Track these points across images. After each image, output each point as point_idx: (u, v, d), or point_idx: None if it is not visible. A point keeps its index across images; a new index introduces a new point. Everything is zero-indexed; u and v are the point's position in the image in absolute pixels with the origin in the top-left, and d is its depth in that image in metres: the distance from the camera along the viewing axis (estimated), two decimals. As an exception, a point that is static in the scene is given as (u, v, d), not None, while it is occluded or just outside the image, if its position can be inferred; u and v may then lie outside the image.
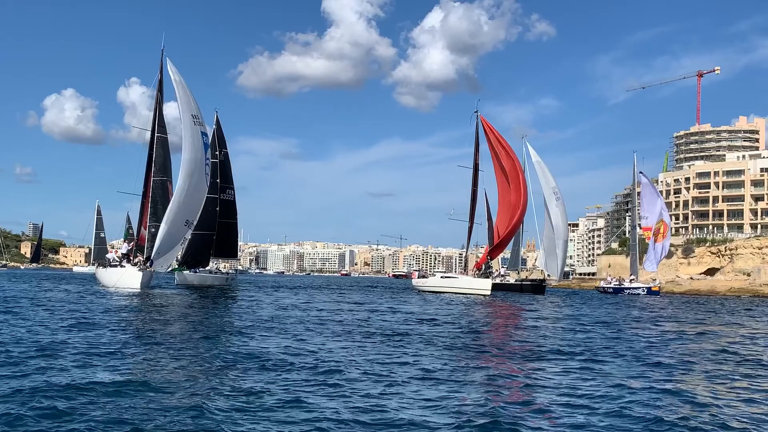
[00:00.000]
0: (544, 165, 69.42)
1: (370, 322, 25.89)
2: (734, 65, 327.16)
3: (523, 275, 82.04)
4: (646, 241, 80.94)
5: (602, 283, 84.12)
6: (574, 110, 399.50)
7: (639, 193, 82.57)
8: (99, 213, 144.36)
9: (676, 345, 20.90)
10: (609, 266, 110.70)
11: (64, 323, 21.43)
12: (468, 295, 53.56)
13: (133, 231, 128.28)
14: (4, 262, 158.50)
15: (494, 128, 60.15)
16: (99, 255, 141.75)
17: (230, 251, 66.59)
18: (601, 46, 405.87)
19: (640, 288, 76.35)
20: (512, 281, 70.13)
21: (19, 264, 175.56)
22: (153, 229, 48.16)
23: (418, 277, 68.09)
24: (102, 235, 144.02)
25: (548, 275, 72.22)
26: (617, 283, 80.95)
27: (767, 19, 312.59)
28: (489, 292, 55.45)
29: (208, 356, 15.26)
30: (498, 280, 66.30)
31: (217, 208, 54.66)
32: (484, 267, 60.53)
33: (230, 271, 69.31)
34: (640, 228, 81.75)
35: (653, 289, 75.52)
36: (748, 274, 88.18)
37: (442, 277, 62.65)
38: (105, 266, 52.21)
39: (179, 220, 46.86)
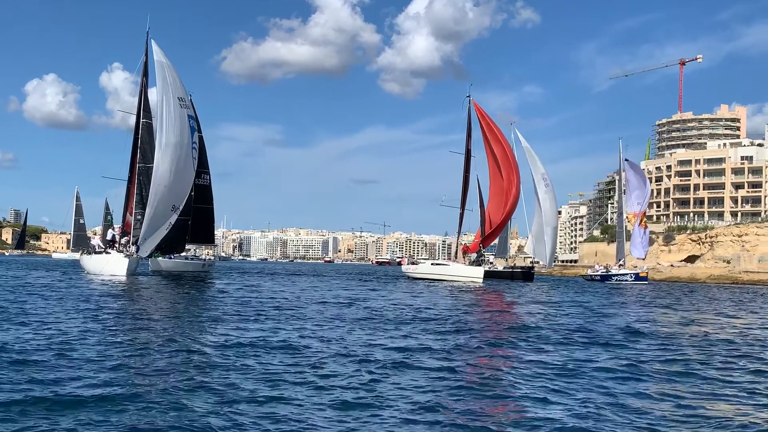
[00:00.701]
0: (532, 151, 69.16)
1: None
2: (717, 53, 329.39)
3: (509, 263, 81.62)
4: (629, 227, 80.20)
5: (589, 271, 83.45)
6: (558, 98, 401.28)
7: (626, 180, 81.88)
8: (78, 199, 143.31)
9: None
10: (596, 254, 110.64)
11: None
12: (459, 283, 52.79)
13: (112, 217, 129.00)
14: None
15: (486, 114, 59.48)
16: (78, 241, 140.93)
17: (206, 237, 65.73)
18: (586, 33, 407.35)
19: (627, 275, 76.03)
20: (500, 269, 69.84)
21: (3, 251, 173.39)
22: (139, 216, 47.29)
23: (408, 264, 67.20)
24: (81, 221, 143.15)
25: (537, 262, 72.05)
26: (604, 270, 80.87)
27: (749, 7, 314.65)
28: (481, 280, 54.71)
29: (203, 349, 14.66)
30: (486, 268, 65.76)
31: (192, 193, 53.49)
32: (476, 255, 59.85)
33: (208, 257, 67.40)
34: (626, 214, 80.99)
35: (641, 275, 75.23)
36: (728, 262, 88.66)
37: (432, 264, 61.98)
38: (90, 253, 51.20)
39: (164, 205, 45.92)
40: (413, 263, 68.30)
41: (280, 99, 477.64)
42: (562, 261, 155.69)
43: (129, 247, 47.32)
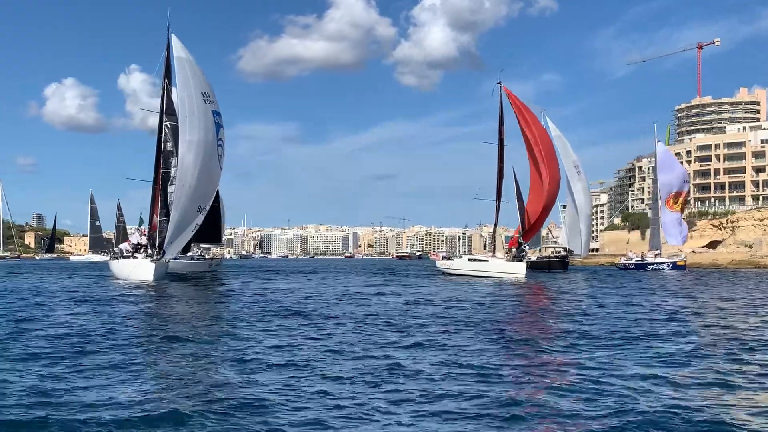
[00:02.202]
0: (564, 138, 66.73)
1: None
2: (736, 35, 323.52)
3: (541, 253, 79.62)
4: (669, 211, 77.24)
5: (622, 259, 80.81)
6: (577, 85, 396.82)
7: (659, 164, 79.16)
8: (93, 202, 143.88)
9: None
10: (627, 242, 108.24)
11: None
12: (500, 279, 50.16)
13: (124, 219, 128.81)
14: (17, 253, 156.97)
15: (520, 100, 56.60)
16: (95, 243, 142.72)
17: (214, 236, 63.84)
18: (603, 19, 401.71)
19: (664, 263, 73.33)
20: (534, 259, 67.85)
21: (33, 254, 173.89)
22: (164, 218, 45.59)
23: (443, 259, 64.45)
24: (97, 223, 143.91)
25: (569, 251, 69.70)
26: (639, 258, 78.19)
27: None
28: (524, 276, 52.06)
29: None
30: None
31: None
32: (516, 249, 57.14)
33: (215, 256, 64.37)
34: (661, 200, 78.21)
35: (679, 263, 72.45)
36: (750, 246, 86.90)
37: (470, 259, 59.28)
38: (117, 257, 49.63)
39: (191, 205, 44.14)
40: (448, 258, 65.10)
41: (297, 96, 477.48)
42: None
43: (154, 250, 45.58)
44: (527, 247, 59.91)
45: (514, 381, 11.37)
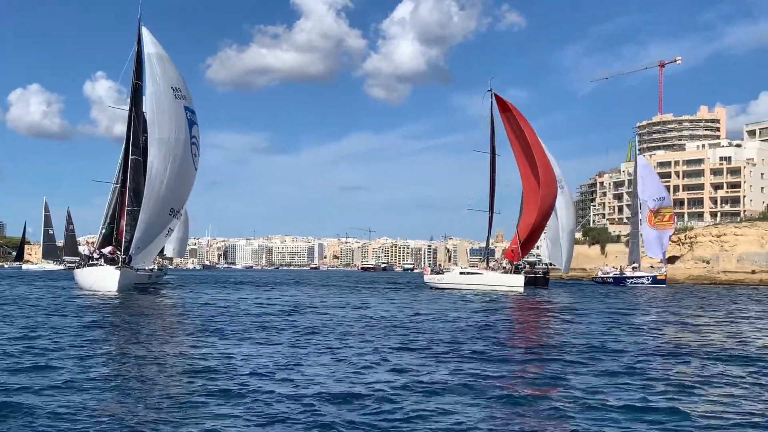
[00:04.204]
0: (548, 151, 65.52)
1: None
2: (700, 54, 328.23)
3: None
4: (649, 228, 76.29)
5: (600, 273, 79.67)
6: (544, 101, 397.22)
7: (641, 176, 77.97)
8: (47, 210, 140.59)
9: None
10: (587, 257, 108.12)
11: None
12: (496, 293, 47.57)
13: (74, 228, 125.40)
14: None
15: (513, 106, 54.23)
16: (48, 252, 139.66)
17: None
18: (571, 36, 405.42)
19: (644, 277, 72.21)
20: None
21: (2, 263, 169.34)
22: (131, 222, 42.03)
23: (432, 273, 61.30)
24: (51, 231, 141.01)
25: (552, 266, 68.32)
26: (617, 272, 76.95)
27: (733, 7, 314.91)
28: (522, 289, 49.73)
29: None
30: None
31: (114, 199, 47.74)
32: (507, 261, 54.82)
33: (155, 267, 57.97)
34: (641, 213, 76.59)
35: (659, 277, 71.18)
36: (707, 262, 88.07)
37: (461, 272, 56.75)
38: (81, 265, 45.52)
39: (161, 208, 41.13)
40: (437, 272, 61.83)
41: (266, 106, 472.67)
42: (547, 263, 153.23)
43: (120, 256, 41.88)
44: (522, 262, 57.90)
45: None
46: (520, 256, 54.07)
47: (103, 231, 49.75)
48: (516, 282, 50.66)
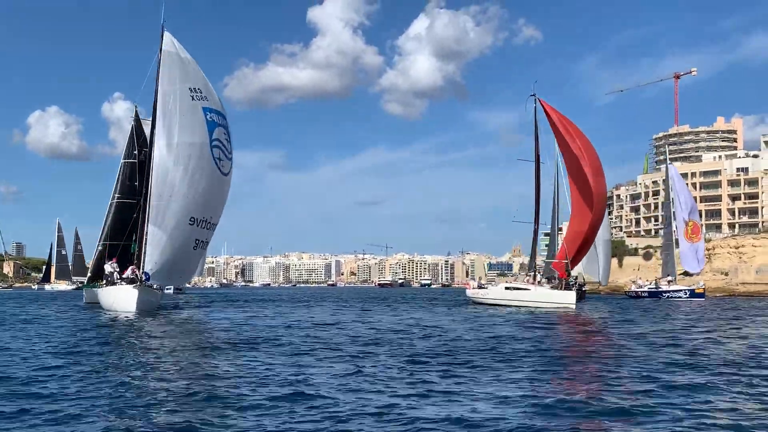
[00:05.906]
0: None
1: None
2: (717, 64, 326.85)
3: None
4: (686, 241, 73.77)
5: (633, 287, 76.78)
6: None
7: (673, 188, 75.62)
8: (60, 230, 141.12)
9: None
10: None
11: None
12: (545, 309, 44.46)
13: (82, 247, 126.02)
14: (10, 283, 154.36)
15: (558, 112, 50.92)
16: (60, 273, 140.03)
17: None
18: (588, 48, 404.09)
19: (681, 290, 70.12)
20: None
21: (30, 284, 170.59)
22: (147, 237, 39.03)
23: (475, 288, 57.77)
24: (63, 252, 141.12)
25: (586, 279, 65.09)
26: (652, 285, 74.13)
27: (749, 18, 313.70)
28: (574, 306, 46.33)
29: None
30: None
31: (135, 215, 45.50)
32: (553, 276, 52.10)
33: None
34: (675, 223, 74.90)
35: (697, 291, 68.89)
36: (726, 274, 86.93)
37: (507, 288, 53.23)
38: (104, 284, 42.65)
39: (176, 218, 38.06)
40: (481, 287, 58.82)
41: (283, 124, 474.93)
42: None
43: (137, 275, 38.64)
44: (533, 271, 56.46)
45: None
46: (569, 270, 50.88)
47: (99, 248, 49.28)
48: (567, 299, 47.36)
